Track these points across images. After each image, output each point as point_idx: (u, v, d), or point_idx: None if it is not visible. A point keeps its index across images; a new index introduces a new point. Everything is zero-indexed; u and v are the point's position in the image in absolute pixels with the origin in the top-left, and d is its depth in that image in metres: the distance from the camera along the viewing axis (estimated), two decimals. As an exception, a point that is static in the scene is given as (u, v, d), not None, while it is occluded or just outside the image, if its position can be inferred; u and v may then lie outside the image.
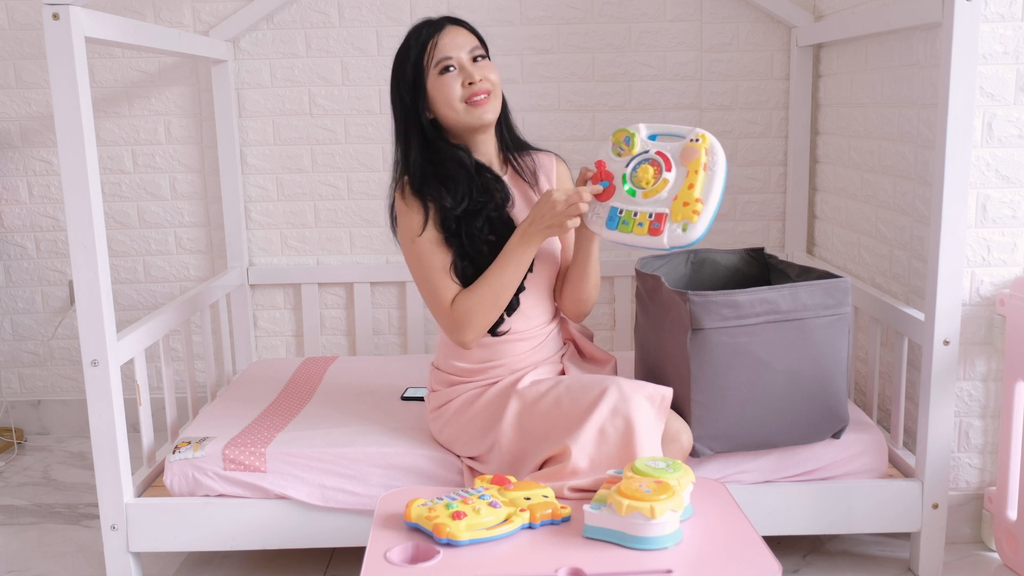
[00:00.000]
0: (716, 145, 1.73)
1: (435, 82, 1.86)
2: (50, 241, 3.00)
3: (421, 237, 1.86)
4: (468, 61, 1.86)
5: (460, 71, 1.85)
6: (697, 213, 1.68)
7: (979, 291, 2.08)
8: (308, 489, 2.00)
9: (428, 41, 1.86)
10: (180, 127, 2.93)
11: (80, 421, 3.08)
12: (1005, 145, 2.02)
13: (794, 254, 2.89)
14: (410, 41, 1.89)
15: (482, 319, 1.86)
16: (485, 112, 1.87)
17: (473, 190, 1.87)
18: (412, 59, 1.87)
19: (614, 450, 1.72)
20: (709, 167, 1.71)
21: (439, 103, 1.87)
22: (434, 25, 1.88)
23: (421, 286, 1.92)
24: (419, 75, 1.87)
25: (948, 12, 1.84)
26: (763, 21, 2.84)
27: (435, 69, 1.85)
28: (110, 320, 1.92)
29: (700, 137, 1.73)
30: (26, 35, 2.87)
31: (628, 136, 1.79)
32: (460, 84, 1.85)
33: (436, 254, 1.87)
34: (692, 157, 1.71)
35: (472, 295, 1.85)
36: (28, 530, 2.41)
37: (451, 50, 1.85)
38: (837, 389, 1.94)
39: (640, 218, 1.73)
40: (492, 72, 1.89)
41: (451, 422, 1.98)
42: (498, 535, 1.47)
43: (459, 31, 1.89)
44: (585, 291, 1.96)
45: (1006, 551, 2.08)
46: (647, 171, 1.74)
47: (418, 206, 1.87)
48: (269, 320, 3.02)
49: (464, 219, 1.86)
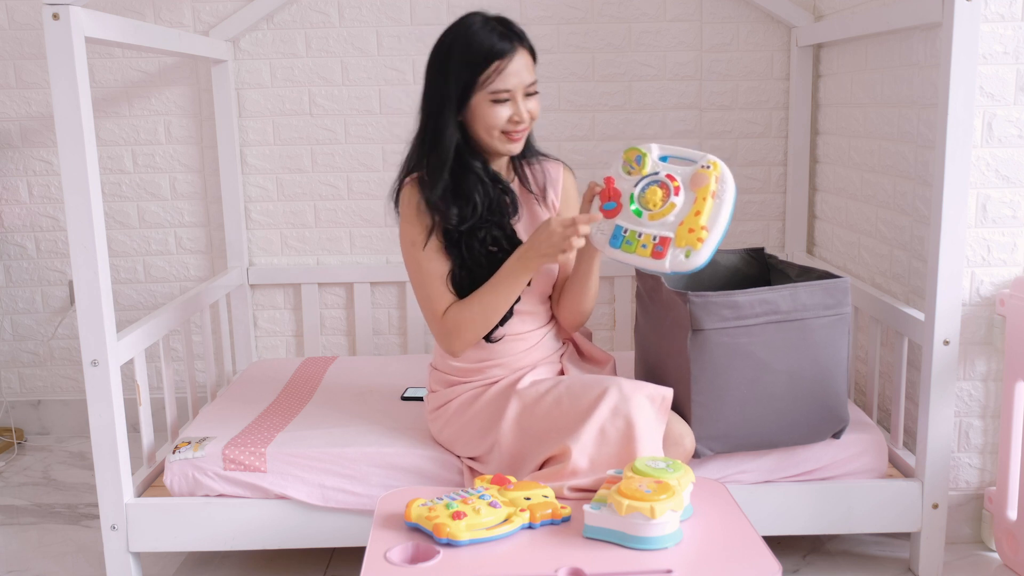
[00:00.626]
0: (727, 174, 1.71)
1: (483, 104, 1.80)
2: (50, 241, 3.00)
3: (420, 246, 1.86)
4: (522, 97, 1.82)
5: (511, 104, 1.81)
6: (701, 241, 1.68)
7: (979, 291, 2.08)
8: (308, 489, 2.00)
9: (494, 62, 1.77)
10: (180, 127, 2.93)
11: (80, 421, 3.08)
12: (1005, 145, 2.02)
13: (794, 254, 2.89)
14: (472, 45, 1.79)
15: (471, 333, 1.87)
16: (516, 147, 1.86)
17: (484, 208, 1.85)
18: (469, 65, 1.78)
19: (614, 450, 1.72)
20: (718, 195, 1.70)
21: (477, 123, 1.83)
22: (506, 46, 1.78)
23: (416, 290, 1.92)
24: (470, 86, 1.79)
25: (948, 12, 1.84)
26: (763, 21, 2.84)
27: (488, 94, 1.79)
28: (110, 320, 1.92)
29: (712, 164, 1.71)
30: (26, 35, 2.87)
31: (640, 155, 1.78)
32: (507, 119, 1.81)
33: (434, 262, 1.87)
34: (702, 184, 1.70)
35: (464, 309, 1.86)
36: (28, 530, 2.41)
37: (512, 83, 1.79)
38: (837, 389, 1.94)
39: (644, 240, 1.72)
40: (537, 106, 1.85)
41: (451, 422, 1.98)
42: (498, 535, 1.47)
43: (526, 60, 1.82)
44: (583, 303, 1.95)
45: (1006, 551, 2.07)
46: (655, 193, 1.73)
47: (425, 218, 1.85)
48: (269, 320, 3.02)
49: (468, 232, 1.86)
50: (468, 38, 1.79)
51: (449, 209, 1.84)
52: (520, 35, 1.83)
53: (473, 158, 1.87)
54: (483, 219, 1.85)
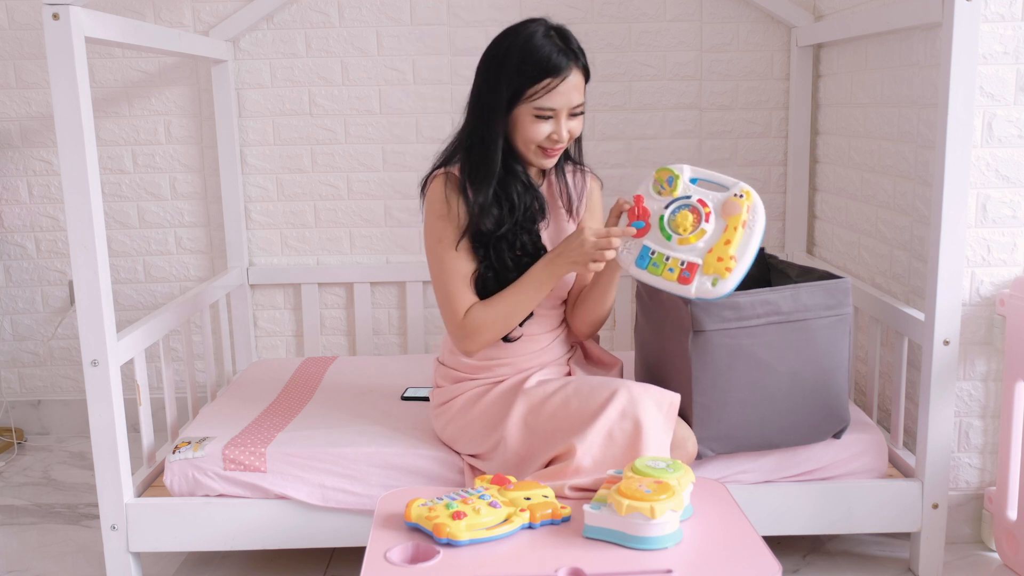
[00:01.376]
0: (759, 204, 1.70)
1: (526, 116, 1.79)
2: (50, 241, 3.00)
3: (447, 243, 1.85)
4: (566, 116, 1.81)
5: (554, 122, 1.80)
6: (730, 270, 1.67)
7: (979, 291, 2.08)
8: (308, 489, 2.00)
9: (546, 79, 1.76)
10: (180, 127, 2.93)
11: (80, 421, 3.08)
12: (1005, 145, 2.02)
13: (794, 254, 2.89)
14: (530, 55, 1.77)
15: (490, 334, 1.86)
16: (550, 163, 1.86)
17: (520, 213, 1.85)
18: (522, 74, 1.76)
19: (620, 452, 1.72)
20: (748, 225, 1.69)
21: (516, 133, 1.82)
22: (563, 62, 1.77)
23: (437, 286, 1.90)
24: (518, 95, 1.78)
25: (948, 12, 1.84)
26: (763, 21, 2.84)
27: (533, 108, 1.78)
28: (110, 320, 1.92)
29: (745, 193, 1.70)
30: (26, 35, 2.87)
31: (672, 177, 1.76)
32: (546, 135, 1.81)
33: (460, 262, 1.86)
34: (733, 212, 1.69)
35: (486, 311, 1.85)
36: (28, 530, 2.41)
37: (559, 102, 1.78)
38: (838, 389, 1.94)
39: (671, 263, 1.71)
40: (579, 125, 1.84)
41: (455, 419, 1.98)
42: (498, 535, 1.47)
43: (578, 80, 1.80)
44: (598, 314, 1.95)
45: (1006, 551, 2.07)
46: (687, 217, 1.72)
47: (456, 217, 1.83)
48: (269, 320, 3.02)
49: (500, 237, 1.85)
50: (527, 46, 1.77)
51: (488, 213, 1.83)
52: (577, 53, 1.81)
53: (516, 162, 1.86)
54: (518, 224, 1.85)
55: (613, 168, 2.91)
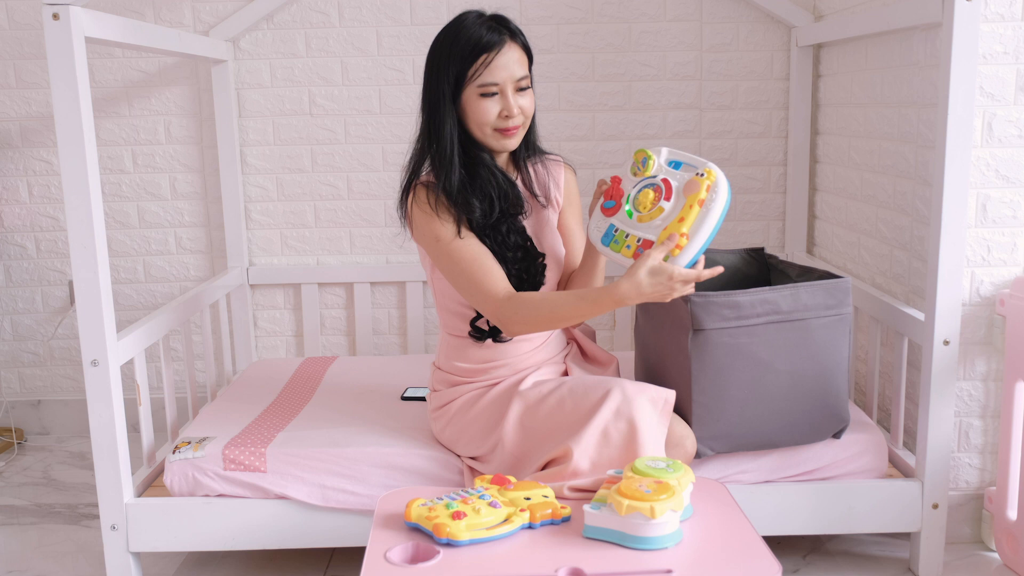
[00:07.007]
0: (721, 184, 1.69)
1: (472, 99, 1.80)
2: (50, 241, 3.00)
3: (454, 238, 1.82)
4: (512, 91, 1.80)
5: (500, 98, 1.80)
6: (680, 248, 1.67)
7: (979, 291, 2.08)
8: (308, 489, 2.00)
9: (481, 55, 1.77)
10: (180, 127, 2.93)
11: (80, 421, 3.08)
12: (1005, 145, 2.02)
13: (794, 254, 2.89)
14: (462, 39, 1.78)
15: (530, 327, 1.80)
16: (511, 142, 1.85)
17: (500, 199, 1.84)
18: (459, 58, 1.78)
19: (616, 452, 1.72)
20: (706, 203, 1.68)
21: (469, 119, 1.82)
22: (493, 39, 1.78)
23: (462, 283, 1.83)
24: (460, 79, 1.79)
25: (948, 12, 1.84)
26: (763, 21, 2.84)
27: (477, 87, 1.78)
28: (110, 320, 1.92)
29: (707, 172, 1.70)
30: (26, 35, 2.87)
31: (646, 158, 1.77)
32: (497, 113, 1.80)
33: (472, 245, 1.82)
34: (693, 191, 1.69)
35: (532, 308, 1.76)
36: (28, 530, 2.41)
37: (500, 76, 1.78)
38: (838, 389, 1.94)
39: (629, 240, 1.73)
40: (530, 102, 1.84)
41: (453, 422, 1.98)
42: (498, 535, 1.47)
43: (515, 52, 1.80)
44: None
45: (1006, 551, 2.08)
46: (648, 196, 1.73)
47: (449, 215, 1.82)
48: (269, 320, 3.02)
49: (491, 227, 1.84)
50: (459, 32, 1.80)
51: (470, 201, 1.82)
52: (513, 30, 1.82)
53: (479, 149, 1.86)
54: (502, 212, 1.85)
55: (613, 168, 2.91)
